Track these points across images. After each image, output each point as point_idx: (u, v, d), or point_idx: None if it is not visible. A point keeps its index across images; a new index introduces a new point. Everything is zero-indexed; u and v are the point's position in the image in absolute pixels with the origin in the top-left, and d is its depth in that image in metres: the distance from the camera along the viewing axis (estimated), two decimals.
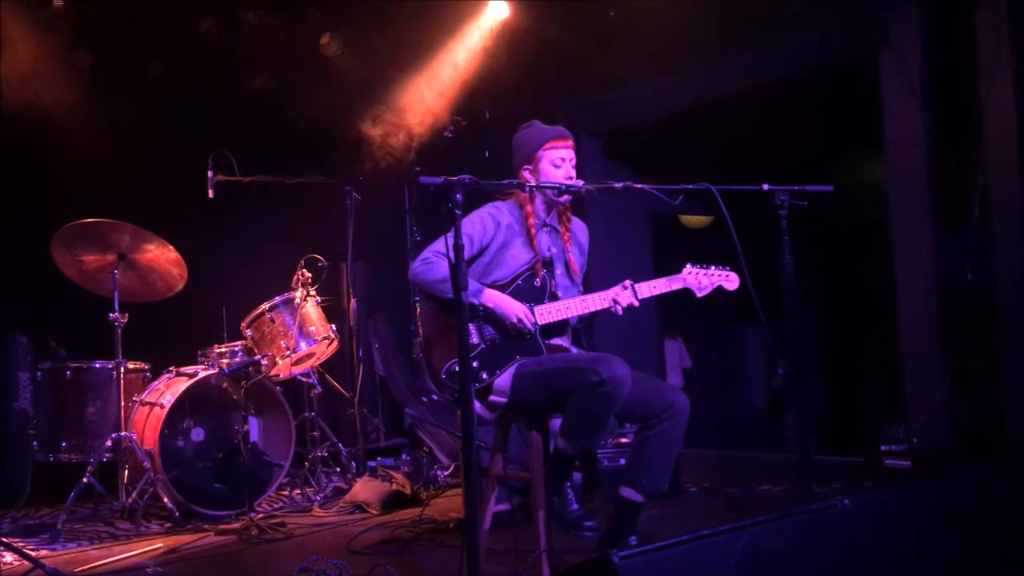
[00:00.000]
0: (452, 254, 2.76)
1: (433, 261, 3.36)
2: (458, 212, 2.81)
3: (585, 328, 3.78)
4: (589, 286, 3.64)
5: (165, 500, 4.73)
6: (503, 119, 6.49)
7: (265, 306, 5.22)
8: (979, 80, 4.81)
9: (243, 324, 5.27)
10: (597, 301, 3.42)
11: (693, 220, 8.27)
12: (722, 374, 9.20)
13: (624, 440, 4.61)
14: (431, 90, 6.61)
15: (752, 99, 6.10)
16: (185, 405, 5.00)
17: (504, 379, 3.33)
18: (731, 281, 3.53)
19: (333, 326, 5.36)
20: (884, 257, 5.29)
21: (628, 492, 3.29)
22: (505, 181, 3.42)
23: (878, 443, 4.93)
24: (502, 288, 3.42)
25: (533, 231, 3.50)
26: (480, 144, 6.60)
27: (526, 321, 3.33)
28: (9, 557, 4.00)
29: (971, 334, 4.81)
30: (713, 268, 3.52)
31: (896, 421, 5.04)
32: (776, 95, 6.04)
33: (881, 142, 5.29)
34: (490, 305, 3.34)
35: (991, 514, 2.65)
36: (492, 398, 3.35)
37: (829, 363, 8.48)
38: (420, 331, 3.46)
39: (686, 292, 3.51)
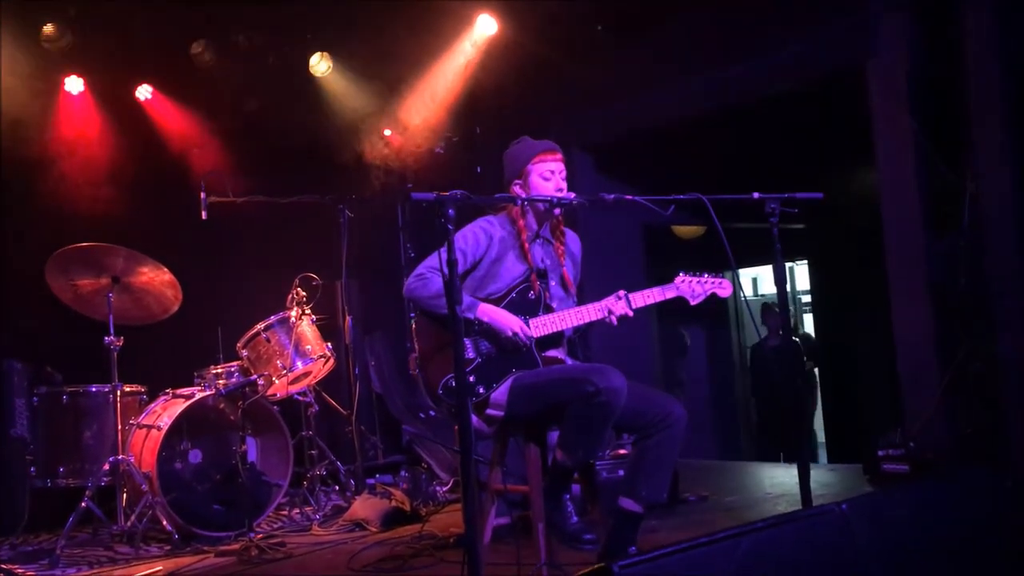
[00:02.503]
0: (446, 269, 2.77)
1: (427, 277, 3.37)
2: (451, 227, 2.83)
3: (580, 339, 3.79)
4: (583, 297, 3.65)
5: (164, 523, 4.72)
6: (494, 135, 6.52)
7: (260, 326, 5.22)
8: (967, 86, 4.84)
9: (239, 344, 5.27)
10: (592, 312, 3.43)
11: (685, 230, 8.30)
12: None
13: (622, 451, 4.61)
14: (422, 107, 6.64)
15: (741, 110, 6.14)
16: (182, 427, 4.99)
17: (500, 392, 3.34)
18: (724, 288, 3.55)
19: (329, 344, 5.36)
20: (878, 263, 5.31)
21: (627, 503, 3.29)
22: (497, 195, 3.45)
23: (876, 448, 4.94)
24: (497, 301, 3.43)
25: (526, 244, 3.51)
26: (471, 160, 6.63)
27: (521, 335, 3.34)
28: None
29: (966, 338, 4.82)
30: (706, 276, 3.53)
31: (894, 426, 5.05)
32: (765, 106, 6.07)
33: (872, 150, 5.31)
34: (485, 320, 3.35)
35: (989, 518, 2.65)
36: (489, 411, 3.36)
37: (827, 370, 8.50)
38: (416, 347, 3.47)
39: (680, 301, 3.52)
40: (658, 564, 2.01)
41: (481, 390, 3.34)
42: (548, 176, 3.48)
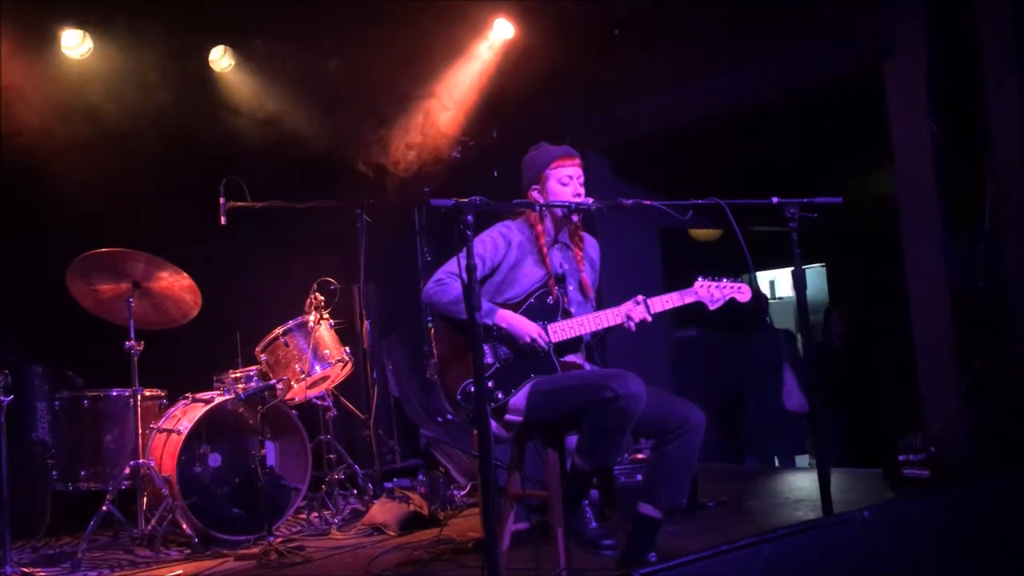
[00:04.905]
0: (464, 275, 2.78)
1: (446, 282, 3.37)
2: (469, 233, 2.83)
3: (598, 344, 3.78)
4: (600, 302, 3.64)
5: (184, 526, 4.75)
6: (510, 139, 6.52)
7: (279, 330, 5.24)
8: (985, 87, 4.82)
9: (257, 349, 5.29)
10: (610, 317, 3.42)
11: (702, 233, 8.29)
12: None
13: (640, 456, 4.61)
14: (438, 111, 6.65)
15: (759, 112, 6.12)
16: (202, 431, 5.02)
17: (519, 398, 3.34)
18: (743, 293, 3.53)
19: (347, 348, 5.38)
20: (896, 266, 5.28)
21: (646, 508, 3.28)
22: (516, 200, 3.45)
23: (896, 453, 4.91)
24: (515, 307, 3.43)
25: (544, 249, 3.51)
26: (488, 164, 6.63)
27: (540, 341, 3.34)
28: None
29: (985, 341, 4.79)
30: (725, 280, 3.51)
31: (914, 431, 5.02)
32: (783, 107, 6.05)
33: (890, 152, 5.29)
34: (504, 325, 3.35)
35: (1013, 523, 2.63)
36: (508, 417, 3.36)
37: (845, 374, 8.44)
38: (434, 352, 3.48)
39: (699, 305, 3.51)
40: (679, 572, 2.00)
41: (500, 395, 3.34)
42: (566, 181, 3.48)
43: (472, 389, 3.29)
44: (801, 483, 5.60)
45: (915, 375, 5.19)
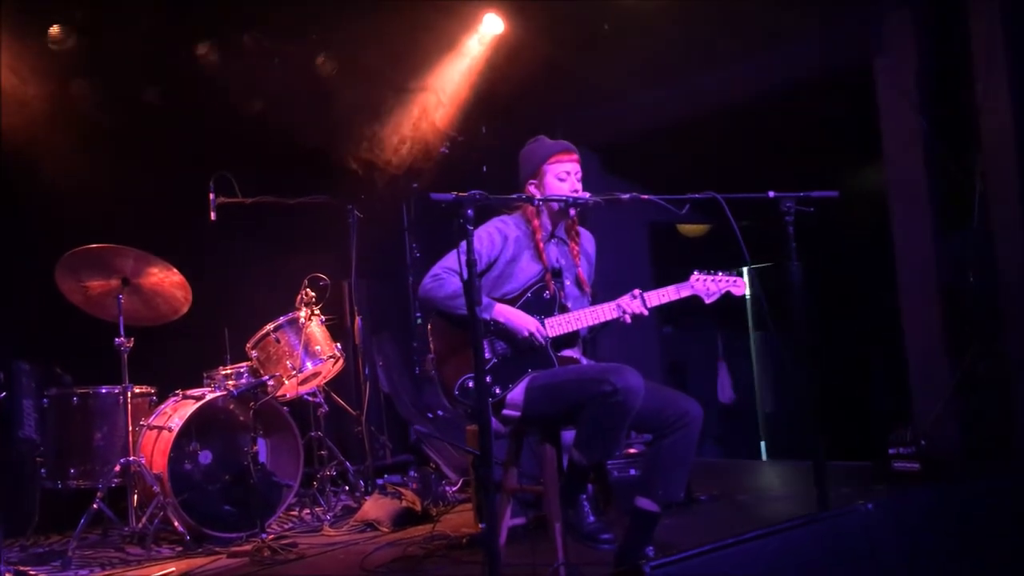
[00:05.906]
0: (464, 271, 2.77)
1: (443, 277, 3.36)
2: (470, 228, 2.82)
3: (590, 339, 3.78)
4: (595, 297, 3.65)
5: (175, 524, 4.72)
6: (500, 134, 6.51)
7: (270, 327, 5.22)
8: (975, 83, 4.84)
9: (248, 345, 5.27)
10: (606, 311, 3.42)
11: (691, 228, 8.30)
12: None
13: (633, 450, 4.61)
14: (428, 107, 6.63)
15: (750, 109, 6.13)
16: (192, 428, 4.98)
17: (517, 393, 3.33)
18: (738, 286, 3.54)
19: (338, 345, 5.36)
20: (887, 262, 5.30)
21: (644, 502, 3.28)
22: (514, 195, 3.44)
23: (886, 446, 4.93)
24: (512, 301, 3.43)
25: (541, 244, 3.51)
26: (477, 159, 6.62)
27: (537, 335, 3.33)
28: None
29: (976, 336, 4.82)
30: (720, 274, 3.52)
31: (904, 424, 5.04)
32: (774, 104, 6.06)
33: (880, 148, 5.31)
34: (501, 320, 3.35)
35: (1012, 522, 2.64)
36: (505, 412, 3.35)
37: (835, 367, 8.46)
38: (432, 347, 3.46)
39: (695, 299, 3.52)
40: (689, 564, 2.00)
41: (497, 390, 3.33)
42: (564, 177, 3.48)
43: (470, 384, 3.29)
44: (790, 476, 5.62)
45: (905, 370, 5.22)
